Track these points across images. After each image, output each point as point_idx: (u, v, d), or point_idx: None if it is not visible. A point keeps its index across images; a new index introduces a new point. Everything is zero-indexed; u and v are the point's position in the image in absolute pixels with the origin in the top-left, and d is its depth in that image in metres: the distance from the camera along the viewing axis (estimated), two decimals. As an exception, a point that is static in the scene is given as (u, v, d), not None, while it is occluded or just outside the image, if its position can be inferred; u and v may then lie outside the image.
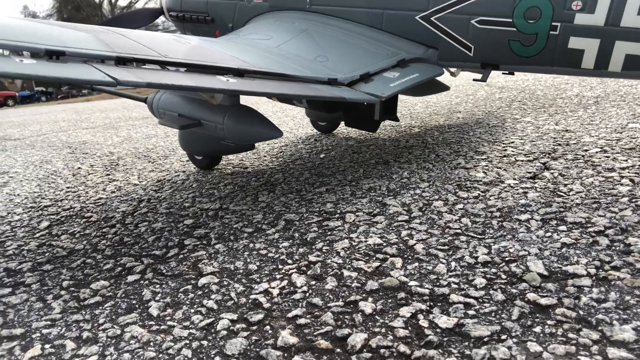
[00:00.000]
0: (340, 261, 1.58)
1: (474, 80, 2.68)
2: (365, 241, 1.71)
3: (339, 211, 2.06)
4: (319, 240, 1.77)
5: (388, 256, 1.57)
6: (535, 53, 2.29)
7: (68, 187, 3.17)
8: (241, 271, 1.60)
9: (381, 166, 2.72)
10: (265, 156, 3.42)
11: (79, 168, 3.83)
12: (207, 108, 2.49)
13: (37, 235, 2.22)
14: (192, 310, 1.37)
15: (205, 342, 1.21)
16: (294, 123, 5.09)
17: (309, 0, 2.93)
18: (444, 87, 3.57)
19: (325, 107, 3.23)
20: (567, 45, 2.20)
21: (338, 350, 1.13)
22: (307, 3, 2.95)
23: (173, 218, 2.24)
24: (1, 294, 1.61)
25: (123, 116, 8.72)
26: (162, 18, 4.15)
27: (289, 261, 1.63)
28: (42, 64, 1.50)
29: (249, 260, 1.68)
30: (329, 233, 1.83)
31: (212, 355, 1.15)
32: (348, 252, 1.64)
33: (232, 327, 1.26)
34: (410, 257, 1.55)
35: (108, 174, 3.46)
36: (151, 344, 1.22)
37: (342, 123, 4.15)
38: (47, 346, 1.26)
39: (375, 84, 2.34)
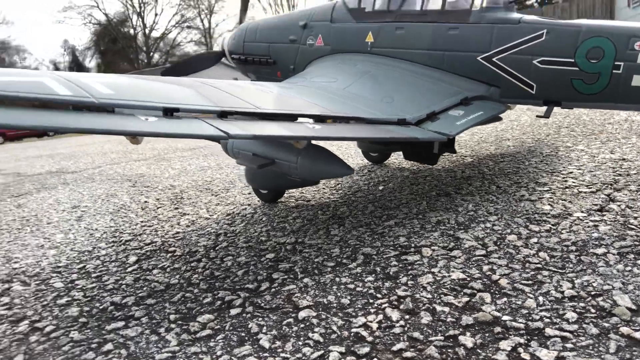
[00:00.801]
0: (429, 296, 1.68)
1: (537, 117, 2.77)
2: (449, 276, 1.80)
3: (413, 245, 2.17)
4: (402, 274, 1.88)
5: (475, 291, 1.66)
6: (598, 91, 2.38)
7: (142, 222, 3.38)
8: (335, 305, 1.71)
9: (443, 198, 2.82)
10: (324, 188, 3.57)
11: (146, 202, 4.05)
12: (282, 148, 2.65)
13: (129, 269, 2.40)
14: (301, 343, 1.49)
15: (322, 374, 1.33)
16: (341, 153, 5.24)
17: (370, 42, 3.11)
18: (497, 118, 3.66)
19: (385, 143, 3.36)
20: (631, 83, 2.28)
21: (449, 382, 1.23)
22: (368, 45, 3.12)
23: (254, 252, 2.39)
24: (116, 326, 1.77)
25: (169, 147, 9.07)
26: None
27: (378, 295, 1.74)
28: (162, 121, 1.68)
29: (339, 294, 1.79)
30: (409, 267, 1.94)
31: (332, 386, 1.27)
32: (434, 286, 1.74)
33: (343, 359, 1.38)
34: (497, 292, 1.64)
35: (177, 208, 3.66)
36: (272, 375, 1.35)
37: (393, 154, 4.27)
38: (176, 376, 1.40)
39: (442, 122, 2.46)
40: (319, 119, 2.16)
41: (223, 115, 1.89)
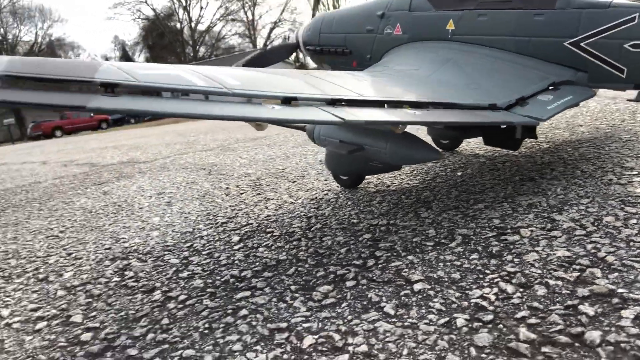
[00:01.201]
0: (539, 271, 1.77)
1: (628, 100, 2.78)
2: (554, 254, 1.89)
3: (509, 226, 2.26)
4: (506, 253, 1.98)
5: (584, 267, 1.75)
6: (694, 73, 2.38)
7: (230, 206, 3.60)
8: (446, 279, 1.84)
9: (529, 183, 2.88)
10: (400, 175, 3.68)
11: (227, 188, 4.29)
12: (370, 134, 2.78)
13: (236, 247, 2.60)
14: (424, 311, 1.63)
15: (453, 336, 1.46)
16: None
17: (451, 30, 3.18)
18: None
19: (459, 128, 3.43)
20: None
21: (577, 344, 1.33)
22: (449, 33, 3.19)
23: (350, 233, 2.54)
24: (244, 295, 1.96)
25: (229, 138, 9.39)
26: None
27: (487, 271, 1.85)
28: (285, 109, 1.85)
29: (447, 270, 1.92)
30: (511, 247, 2.03)
31: (466, 346, 1.40)
32: (541, 263, 1.83)
33: (470, 325, 1.50)
34: (606, 268, 1.72)
35: (259, 193, 3.87)
36: (405, 336, 1.49)
37: (464, 141, 4.33)
38: (315, 337, 1.57)
39: (532, 107, 2.52)
40: (416, 105, 2.27)
41: (332, 102, 2.03)
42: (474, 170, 3.45)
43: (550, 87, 2.67)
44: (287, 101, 1.92)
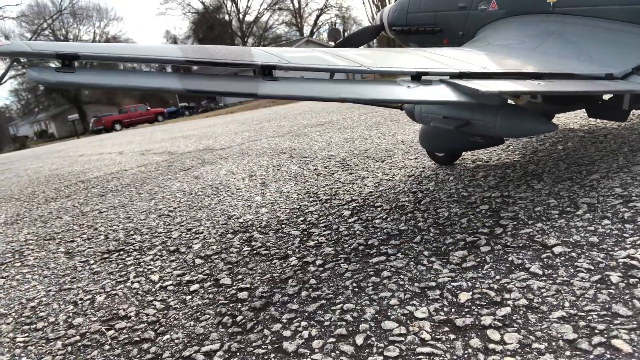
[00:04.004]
0: (686, 233, 1.78)
1: None
2: (697, 217, 1.88)
3: (634, 194, 2.25)
4: (639, 219, 1.99)
5: None
6: None
7: (326, 185, 3.74)
8: (584, 243, 1.88)
9: (641, 154, 2.83)
10: (496, 150, 3.69)
11: (316, 169, 4.44)
12: (476, 108, 2.81)
13: (350, 221, 2.73)
14: (572, 270, 1.68)
15: (611, 290, 1.51)
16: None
17: (553, 3, 3.14)
18: None
19: (561, 101, 3.40)
20: None
21: None
22: (550, 6, 3.15)
23: (465, 205, 2.60)
24: (380, 260, 2.08)
25: (296, 124, 9.58)
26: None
27: (626, 235, 1.87)
28: (419, 88, 1.93)
29: (583, 235, 1.95)
30: (645, 212, 2.04)
31: (628, 299, 1.44)
32: (684, 226, 1.84)
33: (626, 281, 1.54)
34: None
35: (350, 173, 3.99)
36: (562, 292, 1.56)
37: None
38: (469, 293, 1.66)
39: (651, 74, 2.48)
40: (536, 76, 2.29)
41: (461, 76, 2.09)
42: (575, 144, 3.41)
43: (666, 55, 2.61)
44: (418, 77, 2.00)
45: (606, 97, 3.03)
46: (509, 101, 2.85)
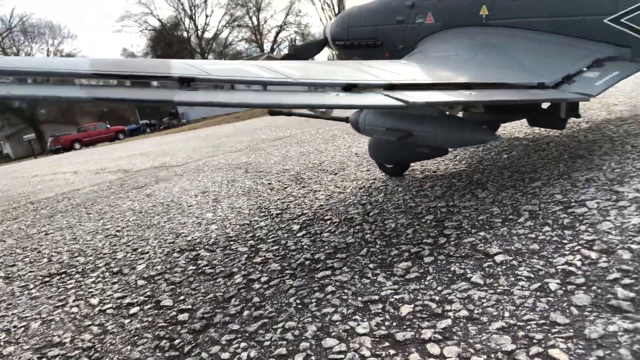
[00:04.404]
0: (619, 238, 1.82)
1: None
2: (629, 221, 1.94)
3: (573, 200, 2.30)
4: (578, 224, 2.03)
5: (663, 231, 1.79)
6: None
7: (279, 199, 3.69)
8: (525, 251, 1.89)
9: (580, 160, 2.92)
10: (444, 160, 3.73)
11: (270, 183, 4.38)
12: (417, 119, 2.83)
13: (299, 235, 2.68)
14: (513, 279, 1.69)
15: (550, 298, 1.52)
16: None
17: (485, 15, 3.23)
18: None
19: (501, 111, 3.49)
20: None
21: (676, 300, 1.38)
22: (482, 19, 3.24)
23: (411, 215, 2.60)
24: (325, 274, 2.04)
25: (254, 139, 9.50)
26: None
27: (565, 241, 1.90)
28: (348, 95, 1.92)
29: (523, 242, 1.97)
30: (582, 218, 2.08)
31: (566, 307, 1.45)
32: (618, 230, 1.88)
33: (563, 288, 1.56)
34: (687, 231, 1.76)
35: (304, 187, 3.95)
36: (502, 301, 1.56)
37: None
38: (411, 306, 1.64)
39: (580, 84, 2.56)
40: (468, 86, 2.33)
41: (390, 87, 2.10)
42: (519, 152, 3.49)
43: (594, 64, 2.71)
44: (348, 88, 1.99)
45: (544, 106, 3.13)
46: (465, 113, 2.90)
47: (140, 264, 2.73)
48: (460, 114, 3.14)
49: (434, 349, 1.39)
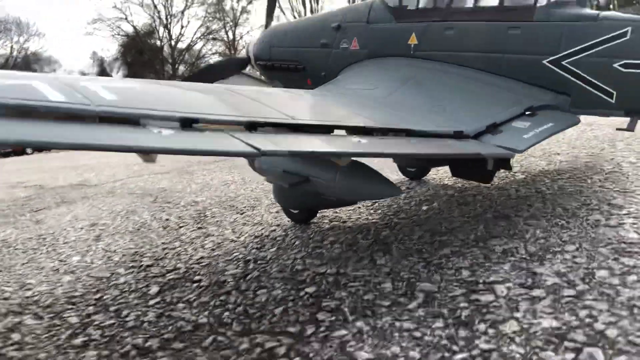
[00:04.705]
0: (522, 350, 1.35)
1: (617, 129, 2.44)
2: (539, 323, 1.48)
3: (482, 281, 1.84)
4: (478, 319, 1.56)
5: (580, 345, 1.34)
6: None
7: (163, 243, 3.11)
8: (402, 359, 1.40)
9: (503, 222, 2.49)
10: (360, 208, 3.26)
11: (167, 219, 3.80)
12: (317, 164, 2.36)
13: (152, 302, 2.12)
14: (367, 416, 1.18)
15: None
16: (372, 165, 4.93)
17: (414, 45, 2.81)
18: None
19: (426, 159, 3.05)
20: None
21: None
22: (411, 49, 2.82)
23: (291, 285, 2.09)
24: (137, 380, 1.48)
25: (192, 159, 8.86)
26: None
27: (455, 348, 1.42)
28: (181, 135, 1.40)
29: (404, 344, 1.48)
30: (484, 310, 1.61)
31: None
32: (523, 337, 1.42)
33: None
34: (610, 348, 1.31)
35: (200, 227, 3.39)
36: None
37: (432, 169, 3.95)
38: None
39: (506, 135, 2.14)
40: (364, 131, 1.87)
41: (252, 126, 1.60)
42: (441, 204, 3.05)
43: (527, 112, 2.31)
44: (187, 124, 1.48)
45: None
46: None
47: (-62, 332, 2.09)
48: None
49: None
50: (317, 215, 3.10)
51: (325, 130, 1.83)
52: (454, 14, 2.68)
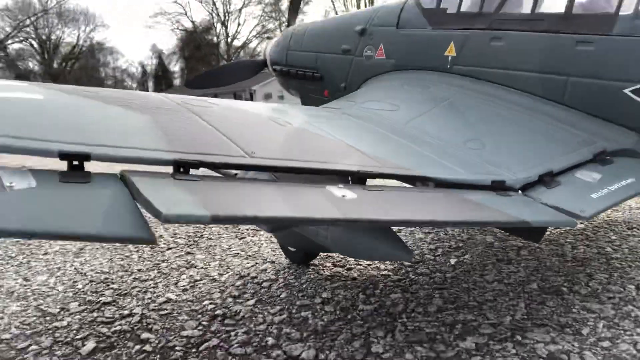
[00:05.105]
0: None
1: None
2: None
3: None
4: None
5: None
6: None
7: (140, 270, 2.67)
8: None
9: (552, 298, 1.85)
10: (374, 249, 2.68)
11: (160, 237, 3.37)
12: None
13: (74, 370, 1.65)
14: None
15: None
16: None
17: (452, 57, 2.20)
18: None
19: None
20: None
21: None
22: (448, 62, 2.21)
23: (249, 370, 1.56)
24: None
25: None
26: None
27: None
28: (45, 189, 0.90)
29: None
30: None
31: None
32: None
33: None
34: None
35: (189, 252, 2.93)
36: None
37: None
38: None
39: (565, 191, 1.52)
40: (357, 177, 1.33)
41: (179, 167, 1.09)
42: (474, 258, 2.43)
43: (597, 159, 1.67)
44: (74, 161, 0.99)
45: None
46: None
47: None
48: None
49: None
50: (320, 254, 2.56)
51: (301, 173, 1.30)
52: (504, 22, 2.05)
